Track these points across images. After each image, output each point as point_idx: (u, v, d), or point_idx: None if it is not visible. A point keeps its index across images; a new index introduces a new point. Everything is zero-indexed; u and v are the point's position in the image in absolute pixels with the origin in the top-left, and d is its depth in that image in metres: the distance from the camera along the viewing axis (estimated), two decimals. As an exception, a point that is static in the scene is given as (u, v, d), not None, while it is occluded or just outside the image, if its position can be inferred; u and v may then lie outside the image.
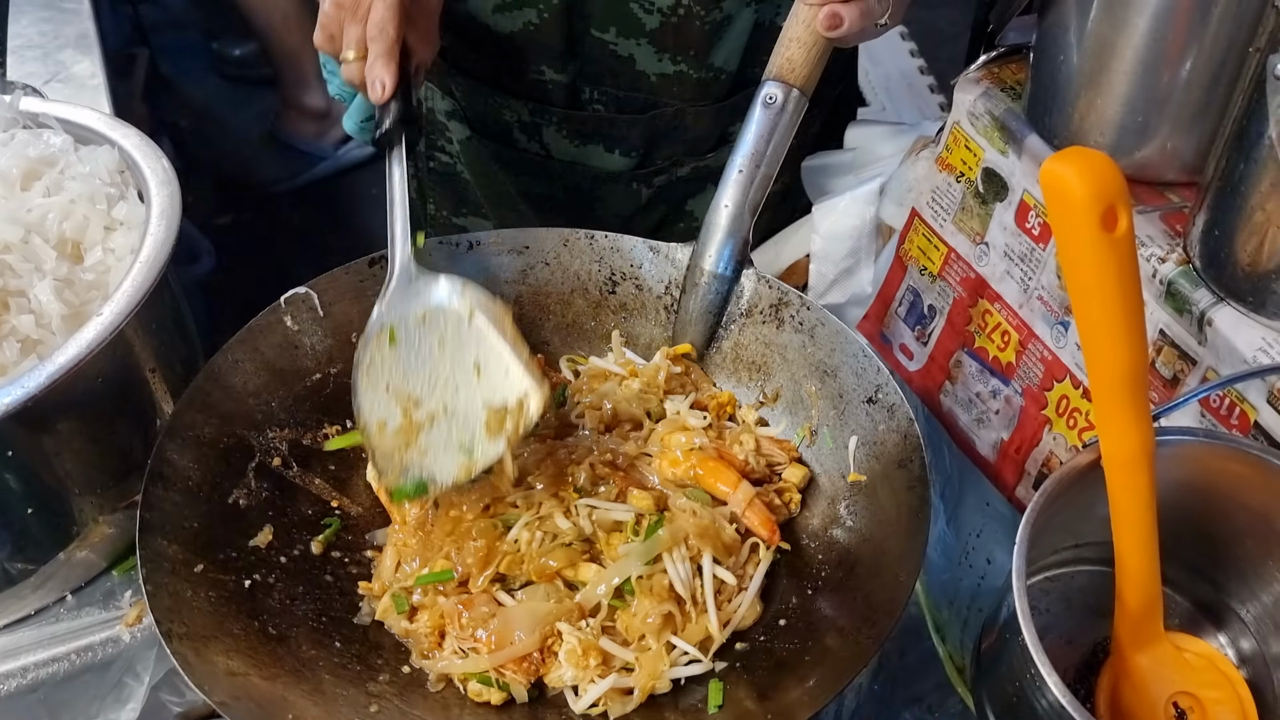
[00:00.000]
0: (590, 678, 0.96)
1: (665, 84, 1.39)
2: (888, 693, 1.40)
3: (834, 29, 1.05)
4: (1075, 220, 0.76)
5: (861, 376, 1.06)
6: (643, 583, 0.98)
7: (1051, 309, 1.08)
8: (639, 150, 1.47)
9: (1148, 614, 0.91)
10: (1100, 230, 0.76)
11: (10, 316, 0.99)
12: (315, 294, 1.13)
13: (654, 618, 0.97)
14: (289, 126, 3.25)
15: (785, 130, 1.10)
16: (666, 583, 0.98)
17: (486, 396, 1.01)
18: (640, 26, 1.33)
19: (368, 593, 1.04)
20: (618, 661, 0.97)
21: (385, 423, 1.01)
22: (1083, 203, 0.76)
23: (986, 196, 1.15)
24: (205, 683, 0.87)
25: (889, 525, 0.99)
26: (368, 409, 1.02)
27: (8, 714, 1.03)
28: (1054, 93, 1.06)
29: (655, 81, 1.39)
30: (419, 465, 1.01)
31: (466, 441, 1.00)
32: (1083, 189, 0.75)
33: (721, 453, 1.08)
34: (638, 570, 0.98)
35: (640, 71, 1.38)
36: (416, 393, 1.02)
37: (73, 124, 1.17)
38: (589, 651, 0.96)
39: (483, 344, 1.03)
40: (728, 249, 1.12)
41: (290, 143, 3.24)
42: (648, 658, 0.96)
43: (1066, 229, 0.77)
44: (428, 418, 1.01)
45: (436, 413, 1.02)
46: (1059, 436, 1.10)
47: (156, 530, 0.96)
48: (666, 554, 0.99)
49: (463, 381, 1.02)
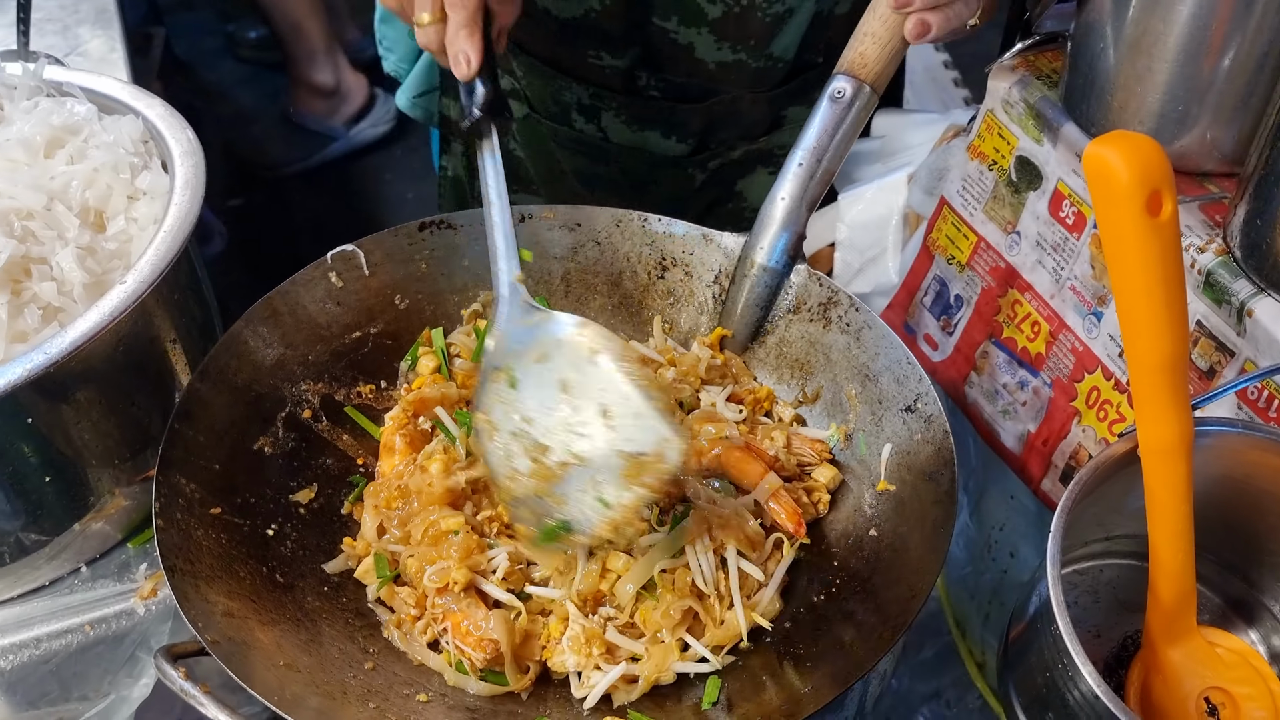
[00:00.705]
0: (593, 664, 0.95)
1: (723, 72, 1.38)
2: (905, 687, 1.39)
3: (921, 36, 1.03)
4: (1119, 205, 0.75)
5: (903, 384, 1.04)
6: (665, 576, 0.97)
7: (1084, 299, 1.07)
8: (696, 136, 1.46)
9: (1181, 608, 0.89)
10: (1144, 215, 0.75)
11: (32, 283, 0.98)
12: (362, 253, 1.12)
13: (675, 612, 0.95)
14: (299, 105, 3.24)
15: (851, 126, 1.08)
16: (689, 578, 0.97)
17: (619, 443, 0.93)
18: (702, 15, 1.32)
19: (349, 549, 1.02)
20: (624, 651, 0.96)
21: (516, 473, 0.94)
22: (1127, 187, 0.74)
23: (1019, 185, 1.13)
24: (200, 620, 0.86)
25: (912, 537, 0.97)
26: (496, 460, 0.95)
27: (20, 684, 1.03)
28: (1092, 80, 1.04)
29: (713, 69, 1.38)
30: (557, 513, 0.94)
31: (604, 493, 0.93)
32: (1128, 173, 0.74)
33: (750, 445, 1.06)
34: (663, 564, 0.97)
35: (699, 59, 1.37)
36: (543, 440, 0.94)
37: (96, 93, 1.16)
38: (592, 640, 0.95)
39: (610, 386, 0.94)
40: (781, 242, 1.10)
41: (301, 122, 3.24)
42: (658, 649, 0.95)
43: (1110, 214, 0.76)
44: (559, 466, 0.94)
45: (569, 461, 0.94)
46: (1089, 429, 1.08)
47: (176, 467, 0.96)
48: (690, 546, 0.98)
49: (592, 428, 0.94)
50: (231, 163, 3.11)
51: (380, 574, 0.99)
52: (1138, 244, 0.75)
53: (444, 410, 1.08)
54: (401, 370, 1.15)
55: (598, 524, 0.92)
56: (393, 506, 1.02)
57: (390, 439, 1.07)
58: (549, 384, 0.94)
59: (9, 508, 0.98)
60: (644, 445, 0.92)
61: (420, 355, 1.14)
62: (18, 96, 1.13)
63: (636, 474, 0.92)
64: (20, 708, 1.04)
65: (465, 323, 1.17)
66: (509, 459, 0.94)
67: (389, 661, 0.95)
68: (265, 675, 0.85)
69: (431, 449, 1.06)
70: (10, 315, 0.95)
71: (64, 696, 1.05)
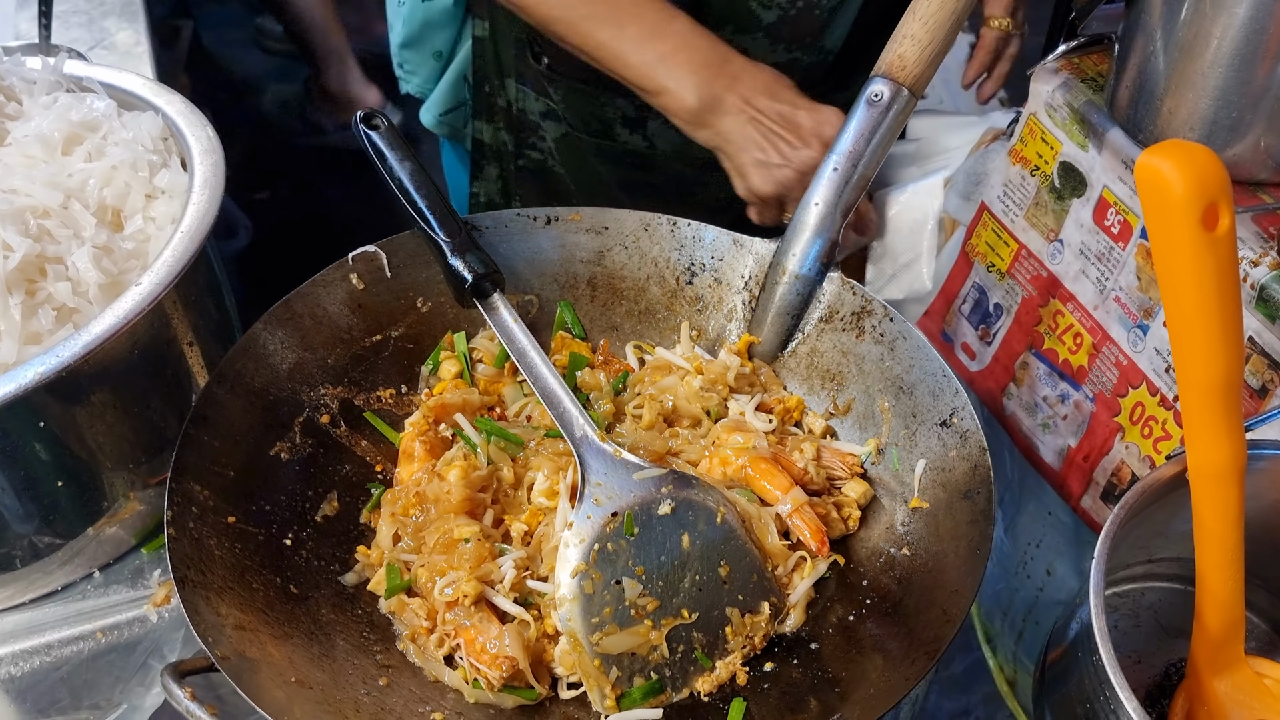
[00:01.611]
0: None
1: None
2: (933, 704, 1.36)
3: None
4: (1174, 218, 0.71)
5: (938, 397, 1.00)
6: None
7: (1129, 311, 1.03)
8: None
9: (1229, 637, 0.85)
10: (1200, 229, 0.72)
11: (47, 283, 0.95)
12: (384, 254, 1.10)
13: None
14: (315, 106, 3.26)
15: (888, 130, 1.04)
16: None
17: (734, 603, 0.94)
18: (757, 22, 1.29)
19: (364, 558, 1.00)
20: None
21: (613, 629, 0.90)
22: (1183, 199, 0.71)
23: (1063, 192, 1.09)
24: (210, 634, 0.84)
25: (946, 558, 0.94)
26: (589, 612, 0.90)
27: (30, 692, 1.01)
28: (1140, 85, 1.00)
29: None
30: (649, 670, 0.91)
31: (707, 650, 0.93)
32: (1183, 185, 0.71)
33: (778, 457, 1.03)
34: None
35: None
36: (656, 590, 0.91)
37: (116, 89, 1.14)
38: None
39: (730, 543, 0.94)
40: (814, 249, 1.07)
41: (320, 126, 3.24)
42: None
43: (1163, 227, 0.72)
44: (666, 623, 0.91)
45: (678, 619, 0.92)
46: (1132, 445, 1.04)
47: (190, 473, 0.93)
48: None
49: (709, 584, 0.93)
50: (257, 156, 3.10)
51: (391, 584, 0.96)
52: (1192, 259, 0.72)
53: (464, 417, 1.05)
54: (422, 375, 1.12)
55: (696, 683, 0.93)
56: (409, 514, 0.99)
57: (409, 445, 1.05)
58: (673, 537, 0.93)
59: (22, 511, 0.96)
60: (755, 605, 0.95)
61: (442, 360, 1.12)
62: (37, 91, 1.11)
63: (742, 631, 0.94)
64: (30, 715, 1.02)
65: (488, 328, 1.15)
66: (604, 611, 0.91)
67: (404, 677, 0.92)
68: (274, 693, 0.83)
69: (451, 455, 1.03)
70: (24, 316, 0.93)
71: (74, 705, 1.03)
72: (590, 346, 1.15)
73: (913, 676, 0.84)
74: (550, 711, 0.92)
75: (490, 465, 1.02)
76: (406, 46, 1.66)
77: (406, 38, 1.64)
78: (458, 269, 1.05)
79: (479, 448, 1.03)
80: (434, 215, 1.06)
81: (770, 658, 0.95)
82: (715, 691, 0.93)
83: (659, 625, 0.92)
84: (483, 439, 1.03)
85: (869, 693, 0.86)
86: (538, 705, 0.92)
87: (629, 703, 0.91)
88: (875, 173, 1.06)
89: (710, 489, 0.97)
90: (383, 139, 1.10)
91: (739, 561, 0.95)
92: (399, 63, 1.69)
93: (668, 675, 0.92)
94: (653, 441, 1.03)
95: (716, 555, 0.94)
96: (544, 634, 0.94)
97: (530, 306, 1.15)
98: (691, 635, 0.93)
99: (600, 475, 0.96)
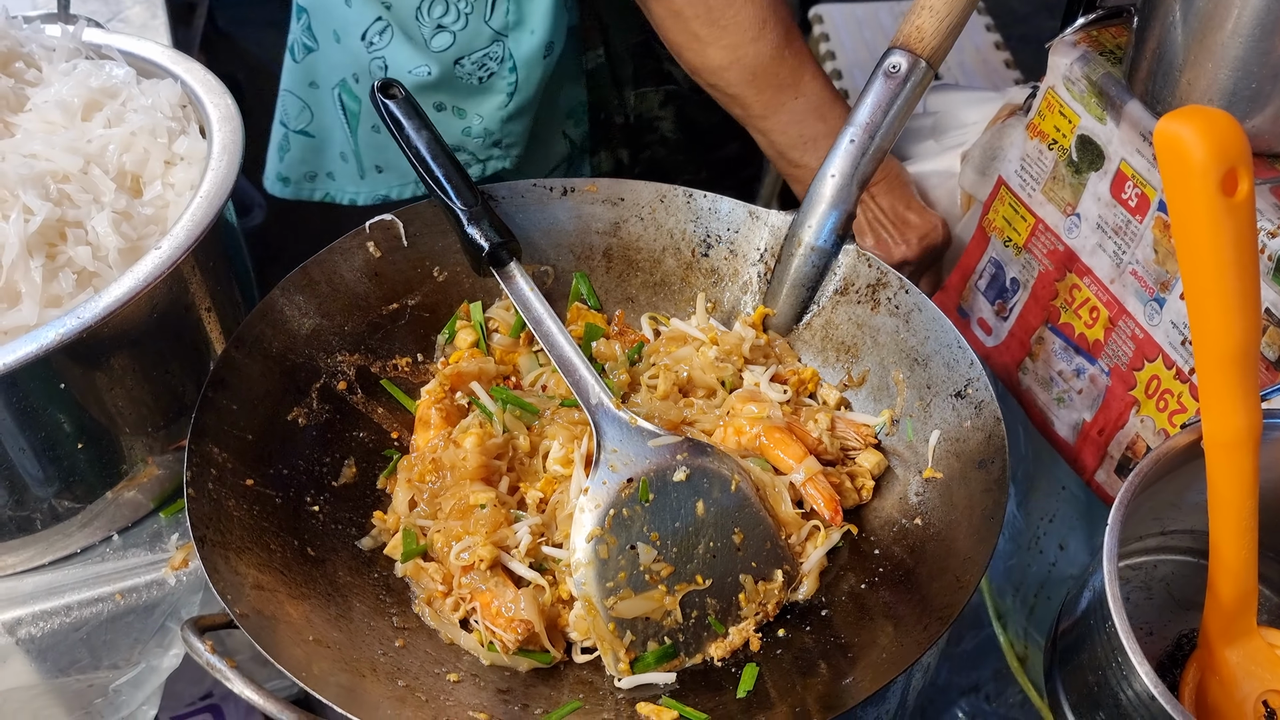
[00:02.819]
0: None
1: None
2: (944, 680, 1.36)
3: None
4: (1193, 183, 0.71)
5: (953, 369, 1.01)
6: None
7: (1146, 285, 1.03)
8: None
9: (1241, 607, 0.86)
10: (1219, 194, 0.71)
11: (67, 247, 0.96)
12: (401, 223, 1.10)
13: None
14: None
15: (905, 102, 1.04)
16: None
17: (748, 570, 0.94)
18: None
19: (380, 523, 1.01)
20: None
21: (628, 594, 0.91)
22: (1202, 164, 0.71)
23: (1080, 165, 1.09)
24: (229, 592, 0.85)
25: (959, 527, 0.94)
26: (603, 577, 0.91)
27: (50, 651, 1.02)
28: (1160, 56, 1.00)
29: None
30: (663, 635, 0.92)
31: (720, 616, 0.93)
32: (1203, 150, 0.71)
33: (792, 427, 1.03)
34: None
35: None
36: (671, 556, 0.92)
37: (135, 56, 1.14)
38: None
39: (744, 511, 0.95)
40: (830, 221, 1.07)
41: None
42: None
43: (1182, 193, 0.72)
44: (680, 589, 0.92)
45: (693, 585, 0.93)
46: (1147, 419, 1.04)
47: (209, 435, 0.94)
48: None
49: (723, 550, 0.94)
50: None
51: (407, 548, 0.97)
52: (1210, 225, 0.72)
53: (480, 385, 1.06)
54: (438, 344, 1.13)
55: (709, 648, 0.93)
56: (425, 480, 1.00)
57: (425, 413, 1.05)
58: (687, 503, 0.94)
59: (42, 474, 0.97)
60: (769, 572, 0.95)
61: (458, 329, 1.12)
62: (56, 58, 1.11)
63: (755, 599, 0.94)
64: (50, 675, 1.03)
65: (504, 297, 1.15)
66: (619, 576, 0.91)
67: (420, 639, 0.93)
68: (293, 650, 0.84)
69: (467, 424, 1.04)
70: (45, 279, 0.93)
71: (94, 664, 1.04)
72: (605, 318, 1.15)
73: (924, 642, 0.84)
74: (564, 675, 0.93)
75: (506, 433, 1.03)
76: (513, 119, 1.44)
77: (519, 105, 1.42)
78: (474, 237, 1.05)
79: (495, 416, 1.03)
80: (450, 184, 1.07)
81: (783, 624, 0.96)
82: (728, 657, 0.93)
83: (673, 591, 0.92)
84: (498, 407, 1.04)
85: (880, 658, 0.87)
86: (552, 669, 0.93)
87: (643, 667, 0.91)
88: (892, 145, 1.06)
89: (725, 457, 0.97)
90: (400, 108, 1.10)
91: (753, 529, 0.95)
92: (498, 139, 1.45)
93: (681, 640, 0.92)
94: (667, 411, 1.04)
95: (730, 522, 0.95)
96: (559, 599, 0.95)
97: (546, 277, 1.15)
98: (705, 601, 0.93)
99: (616, 442, 0.96)
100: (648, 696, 0.90)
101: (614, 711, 0.89)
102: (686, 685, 0.92)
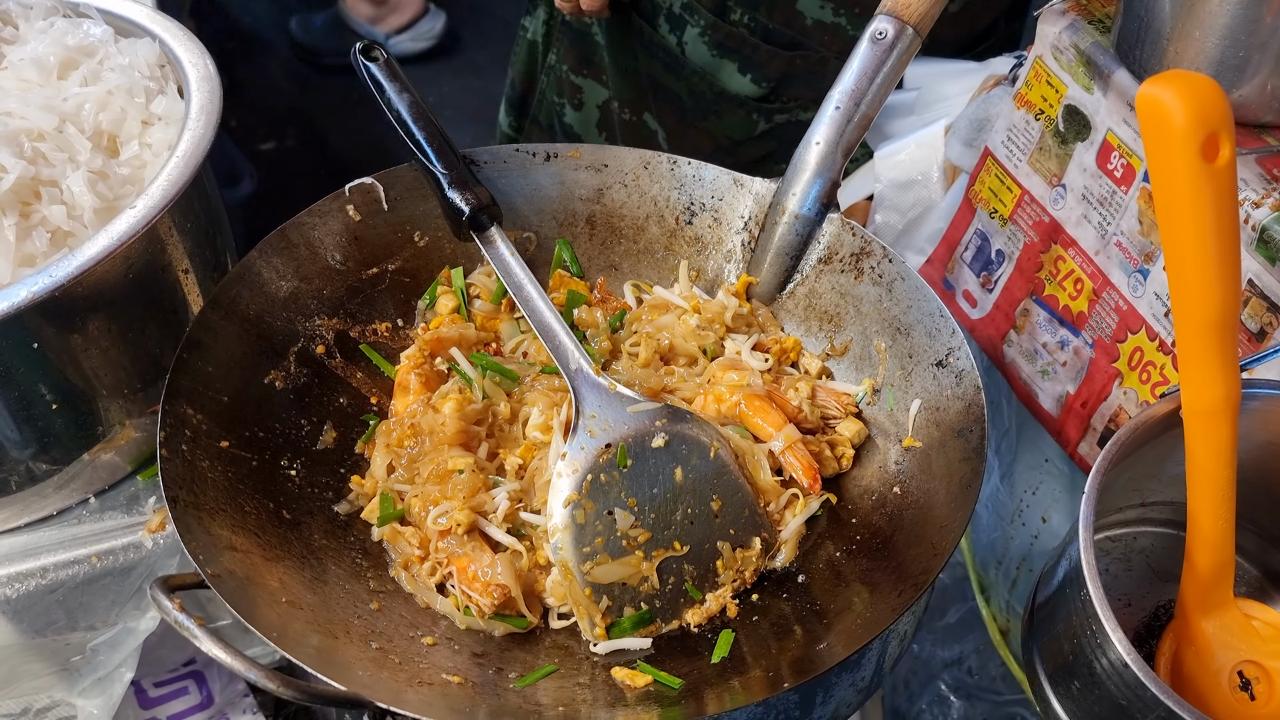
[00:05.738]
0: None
1: (819, 31, 1.35)
2: (926, 653, 1.36)
3: None
4: (1173, 148, 0.71)
5: (935, 338, 1.00)
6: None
7: (1130, 256, 1.02)
8: (771, 82, 1.43)
9: (1218, 578, 0.85)
10: (1200, 159, 0.71)
11: (41, 206, 0.95)
12: (381, 186, 1.09)
13: None
14: (348, 4, 3.29)
15: (891, 70, 1.03)
16: None
17: (726, 537, 0.94)
18: None
19: (357, 488, 1.00)
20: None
21: (604, 559, 0.91)
22: (1183, 129, 0.70)
23: (1067, 136, 1.08)
24: (202, 553, 0.84)
25: (937, 495, 0.94)
26: (580, 541, 0.91)
27: (26, 612, 1.02)
28: (1147, 24, 0.99)
29: (809, 25, 1.35)
30: (639, 601, 0.92)
31: (697, 582, 0.93)
32: (1184, 114, 0.70)
33: (772, 395, 1.03)
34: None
35: (798, 11, 1.34)
36: (646, 525, 0.92)
37: (114, 15, 1.13)
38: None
39: (723, 478, 0.95)
40: (814, 189, 1.06)
41: (346, 21, 3.29)
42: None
43: (1163, 157, 0.72)
44: (657, 554, 0.92)
45: (669, 552, 0.92)
46: (1130, 391, 1.04)
47: (184, 396, 0.94)
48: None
49: (700, 517, 0.94)
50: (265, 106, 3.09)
51: (384, 512, 0.96)
52: (1191, 190, 0.71)
53: (460, 351, 1.05)
54: (419, 309, 1.12)
55: (686, 615, 0.93)
56: (404, 445, 1.00)
57: (405, 378, 1.05)
58: (665, 470, 0.94)
59: (17, 435, 0.96)
60: (747, 540, 0.95)
61: (439, 294, 1.11)
62: (33, 16, 1.10)
63: (732, 566, 0.94)
64: (27, 635, 1.03)
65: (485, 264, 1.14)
66: (595, 541, 0.91)
67: (395, 603, 0.93)
68: (267, 612, 0.83)
69: (446, 389, 1.03)
70: (18, 238, 0.93)
71: (70, 626, 1.04)
72: (588, 285, 1.15)
73: (899, 608, 0.84)
74: (540, 640, 0.93)
75: (485, 399, 1.02)
76: None
77: None
78: (455, 201, 1.04)
79: (474, 382, 1.03)
80: (431, 147, 1.06)
81: (760, 591, 0.95)
82: (705, 623, 0.93)
83: (650, 556, 0.92)
84: (478, 373, 1.03)
85: (855, 624, 0.87)
86: (528, 634, 0.93)
87: (619, 632, 0.91)
88: (877, 112, 1.05)
89: (704, 424, 0.97)
90: (381, 71, 1.09)
91: (731, 496, 0.95)
92: None
93: (658, 606, 0.92)
94: (648, 378, 1.03)
95: (709, 489, 0.94)
96: (535, 565, 0.94)
97: (528, 244, 1.15)
98: (682, 567, 0.93)
99: (594, 408, 0.96)
100: (623, 661, 0.90)
101: (589, 676, 0.89)
102: (662, 650, 0.91)
